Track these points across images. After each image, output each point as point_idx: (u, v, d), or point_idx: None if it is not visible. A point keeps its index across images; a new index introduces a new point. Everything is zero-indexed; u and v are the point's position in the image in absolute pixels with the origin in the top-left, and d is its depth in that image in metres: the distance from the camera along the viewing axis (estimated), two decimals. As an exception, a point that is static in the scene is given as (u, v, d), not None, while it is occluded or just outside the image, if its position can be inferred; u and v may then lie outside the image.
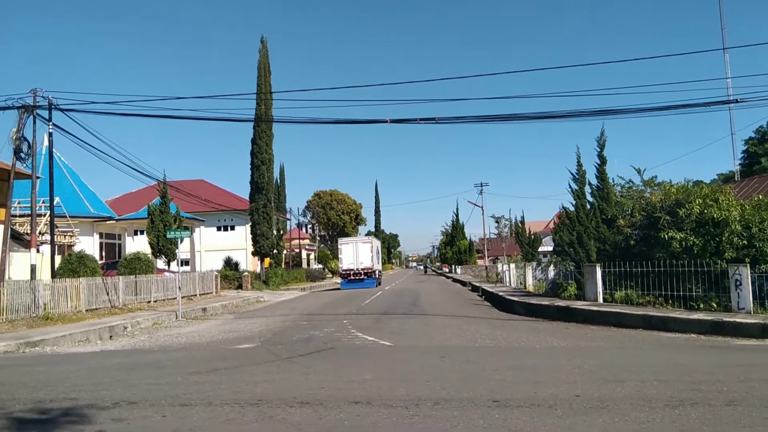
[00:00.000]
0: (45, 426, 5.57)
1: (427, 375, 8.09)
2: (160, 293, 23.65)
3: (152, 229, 31.73)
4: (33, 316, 16.34)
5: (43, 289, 17.15)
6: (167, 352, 12.05)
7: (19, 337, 13.36)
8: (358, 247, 39.89)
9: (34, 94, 19.22)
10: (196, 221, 46.09)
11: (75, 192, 38.31)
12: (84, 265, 20.49)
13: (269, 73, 39.97)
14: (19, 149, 18.85)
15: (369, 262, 39.33)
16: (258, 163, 39.58)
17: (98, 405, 6.41)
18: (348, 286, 38.44)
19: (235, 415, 5.92)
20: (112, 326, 15.84)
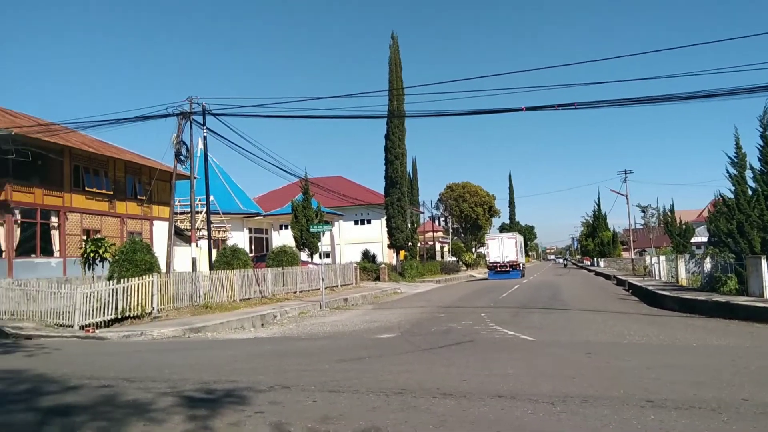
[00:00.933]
0: (212, 405, 6.08)
1: (573, 371, 7.79)
2: (304, 284, 24.92)
3: (296, 223, 33.49)
4: (195, 305, 17.92)
5: (202, 280, 18.77)
6: (314, 340, 12.68)
7: (184, 324, 14.75)
8: (504, 243, 43.31)
9: (190, 101, 21.00)
10: (336, 216, 47.94)
11: (226, 190, 41.41)
12: (237, 258, 22.09)
13: (400, 68, 40.48)
14: (179, 153, 20.72)
15: (514, 255, 42.86)
16: (391, 158, 40.30)
17: (255, 388, 6.88)
18: (495, 276, 41.83)
19: (380, 404, 6.09)
20: (263, 315, 16.97)
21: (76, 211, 26.82)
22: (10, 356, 10.00)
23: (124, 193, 30.38)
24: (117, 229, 29.17)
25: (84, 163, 27.70)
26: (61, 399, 6.45)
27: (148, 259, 16.65)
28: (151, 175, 31.53)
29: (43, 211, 25.27)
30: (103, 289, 14.98)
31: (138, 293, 15.57)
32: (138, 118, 20.47)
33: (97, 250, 18.51)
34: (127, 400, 6.34)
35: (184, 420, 5.48)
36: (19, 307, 15.44)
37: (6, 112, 27.20)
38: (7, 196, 23.31)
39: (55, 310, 14.69)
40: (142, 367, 8.79)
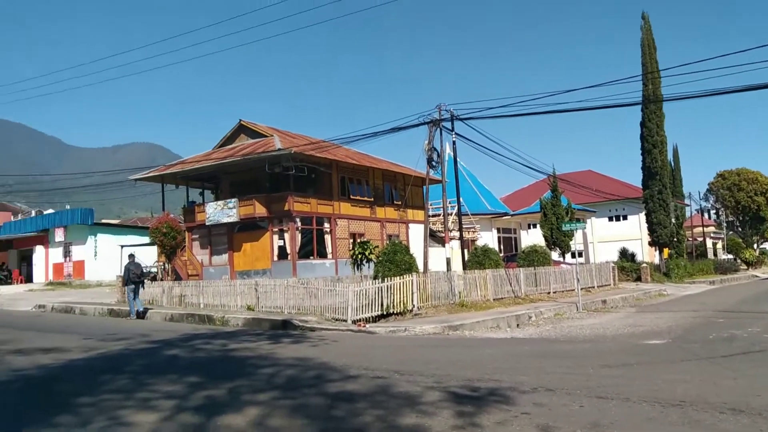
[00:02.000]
0: (477, 402, 6.23)
1: None
2: (557, 284, 24.22)
3: (545, 222, 32.76)
4: (450, 303, 18.59)
5: (457, 280, 19.40)
6: (573, 343, 12.24)
7: (442, 321, 15.40)
8: None
9: (439, 109, 21.90)
10: (587, 212, 45.79)
11: (474, 192, 42.27)
12: (488, 258, 22.37)
13: (654, 49, 37.04)
14: (430, 159, 21.78)
15: None
16: (648, 146, 37.05)
17: (518, 388, 6.87)
18: None
19: (656, 414, 5.64)
20: (518, 315, 16.90)
21: (343, 217, 29.86)
22: (299, 345, 11.49)
23: (383, 199, 32.94)
24: (378, 233, 31.73)
25: (348, 174, 30.72)
26: (344, 386, 7.20)
27: (407, 259, 17.76)
28: (405, 182, 33.68)
29: (318, 218, 28.63)
30: (370, 288, 16.37)
31: (400, 291, 16.69)
32: (392, 129, 22.02)
33: (364, 252, 20.34)
34: (399, 391, 6.82)
35: (452, 415, 5.71)
36: (303, 302, 17.66)
37: (286, 134, 31.45)
38: (290, 207, 26.93)
39: (332, 306, 16.48)
40: (409, 361, 9.40)
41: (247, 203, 27.74)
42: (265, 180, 28.51)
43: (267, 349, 10.79)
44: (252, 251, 28.51)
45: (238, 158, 27.29)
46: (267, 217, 27.64)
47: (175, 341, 12.17)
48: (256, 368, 8.65)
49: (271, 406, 6.15)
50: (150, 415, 5.88)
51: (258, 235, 28.29)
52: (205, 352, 10.70)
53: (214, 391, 6.99)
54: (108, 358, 10.03)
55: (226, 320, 16.63)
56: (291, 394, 6.82)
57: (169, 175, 31.65)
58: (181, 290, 21.07)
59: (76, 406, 6.30)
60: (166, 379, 7.73)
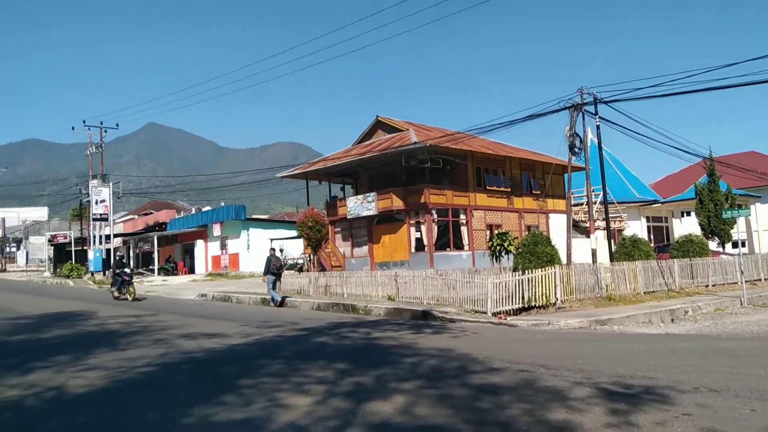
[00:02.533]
0: (631, 400, 5.89)
1: None
2: (717, 277, 22.22)
3: (701, 209, 30.24)
4: (597, 296, 17.75)
5: (603, 272, 18.46)
6: (738, 340, 11.18)
7: (588, 315, 14.75)
8: None
9: (581, 92, 20.90)
10: (750, 198, 41.50)
11: (619, 179, 39.97)
12: (637, 248, 21.05)
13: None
14: (572, 145, 20.86)
15: None
16: (828, 122, 32.79)
17: (677, 388, 6.40)
18: None
19: None
20: (672, 309, 15.74)
21: (479, 208, 29.58)
22: (440, 336, 11.57)
23: (520, 189, 32.17)
24: (515, 224, 31.07)
25: (484, 164, 30.35)
26: (488, 378, 7.13)
27: (549, 251, 17.19)
28: (544, 170, 32.65)
29: (454, 210, 28.63)
30: (510, 280, 16.07)
31: (541, 284, 16.21)
32: (530, 116, 21.38)
33: (503, 243, 20.00)
34: (546, 385, 6.63)
35: (604, 412, 5.44)
36: (442, 294, 17.73)
37: (421, 127, 31.73)
38: (426, 199, 27.18)
39: (470, 298, 16.39)
40: (554, 355, 9.10)
41: (385, 197, 28.40)
42: (401, 173, 29.02)
43: (409, 339, 10.98)
44: (390, 243, 29.17)
45: (375, 153, 28.00)
46: (404, 210, 28.11)
47: (323, 329, 12.77)
48: (399, 357, 8.83)
49: (417, 395, 6.25)
50: (304, 398, 6.23)
51: (396, 227, 28.87)
52: (351, 340, 11.11)
53: (361, 378, 7.25)
54: (263, 343, 10.76)
55: (369, 310, 17.16)
56: (435, 384, 6.88)
57: (312, 172, 33.28)
58: (326, 281, 22.05)
59: (238, 387, 6.83)
60: (316, 365, 8.14)
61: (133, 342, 10.90)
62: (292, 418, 5.53)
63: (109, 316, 15.86)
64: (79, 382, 7.38)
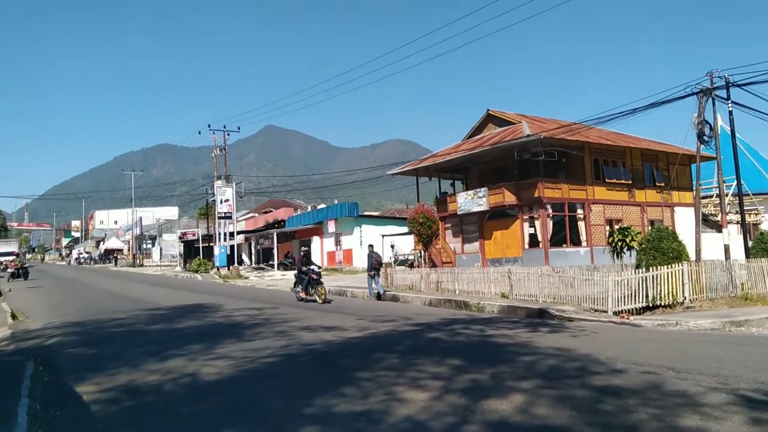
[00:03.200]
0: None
1: None
2: None
3: None
4: (731, 296, 16.41)
5: (738, 269, 17.03)
6: None
7: (721, 315, 13.67)
8: None
9: (711, 76, 19.39)
10: None
11: (754, 168, 36.84)
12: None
13: None
14: (701, 133, 19.39)
15: None
16: None
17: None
18: None
19: None
20: (821, 311, 14.21)
21: (598, 202, 28.30)
22: (558, 335, 11.19)
23: (642, 181, 30.42)
24: (637, 218, 29.43)
25: (602, 156, 28.99)
26: (611, 380, 6.82)
27: (675, 246, 16.11)
28: (668, 161, 30.67)
29: (570, 204, 27.59)
30: (632, 277, 15.25)
31: (668, 282, 15.24)
32: (653, 104, 20.13)
33: (624, 239, 18.96)
34: (676, 389, 6.23)
35: (744, 422, 5.04)
36: (558, 291, 17.14)
37: (534, 119, 30.85)
38: (539, 193, 26.41)
39: (589, 296, 15.72)
40: (685, 357, 8.51)
41: (497, 191, 27.92)
42: (513, 167, 28.38)
43: (525, 337, 10.73)
44: (502, 239, 28.65)
45: (486, 147, 27.60)
46: (516, 205, 27.50)
47: (436, 325, 12.79)
48: (515, 355, 8.66)
49: (535, 395, 6.10)
50: (421, 393, 6.28)
51: (508, 222, 28.31)
52: (465, 337, 11.04)
53: (477, 375, 7.18)
54: (378, 337, 10.97)
55: (482, 306, 16.96)
56: (554, 383, 6.68)
57: (422, 168, 33.40)
58: (437, 276, 22.05)
59: (356, 379, 7.02)
60: (431, 361, 8.17)
61: (257, 333, 11.51)
62: (410, 412, 5.59)
63: (234, 309, 16.85)
64: (210, 370, 7.91)
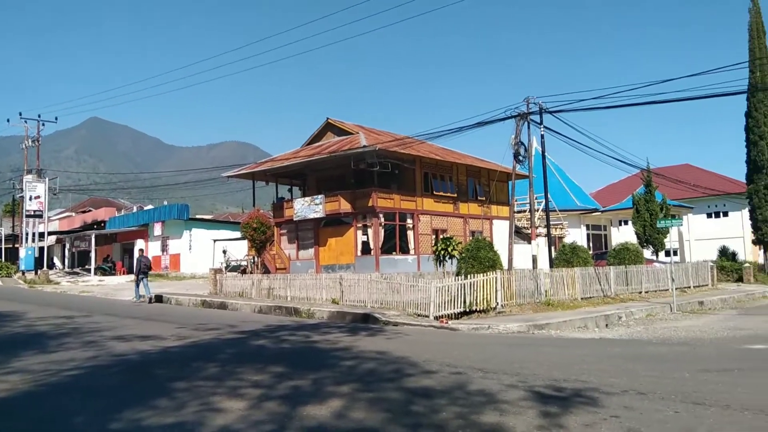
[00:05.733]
0: (563, 403, 6.03)
1: None
2: (650, 284, 23.10)
3: (638, 218, 31.38)
4: (536, 302, 18.14)
5: (543, 278, 18.89)
6: (667, 345, 11.63)
7: (527, 320, 15.05)
8: None
9: (527, 102, 21.39)
10: (683, 208, 43.29)
11: (562, 187, 41.06)
12: (576, 255, 21.65)
13: (764, 33, 34.46)
14: (517, 153, 21.30)
15: None
16: (755, 138, 34.50)
17: (607, 391, 6.59)
18: None
19: (761, 424, 5.26)
20: (607, 315, 16.25)
21: (426, 213, 29.84)
22: (380, 339, 11.56)
23: (466, 195, 32.63)
24: (461, 229, 31.48)
25: (432, 169, 30.65)
26: (422, 381, 7.16)
27: (491, 256, 17.48)
28: (489, 177, 33.21)
29: (401, 214, 28.77)
30: (452, 284, 16.24)
31: (483, 289, 16.46)
32: (478, 124, 21.72)
33: (447, 248, 20.21)
34: (480, 389, 6.70)
35: (537, 415, 5.55)
36: (386, 297, 17.77)
37: (371, 131, 31.78)
38: (373, 203, 27.22)
39: (414, 302, 16.48)
40: (492, 359, 9.24)
41: (333, 199, 28.30)
42: (350, 176, 28.98)
43: (348, 342, 10.93)
44: (337, 246, 29.07)
45: (324, 155, 27.87)
46: (351, 213, 28.08)
47: (262, 332, 12.59)
48: (337, 360, 8.78)
49: (353, 398, 6.22)
50: (239, 402, 6.10)
51: (343, 230, 28.80)
52: (290, 343, 10.99)
53: (299, 381, 7.17)
54: (199, 346, 10.51)
55: (312, 313, 17.02)
56: (371, 386, 6.87)
57: (259, 172, 32.84)
58: (270, 283, 21.76)
59: (171, 390, 6.64)
60: (253, 369, 8.00)
61: (63, 344, 10.46)
62: (226, 422, 5.41)
63: (39, 318, 15.19)
64: (1, 386, 7.02)
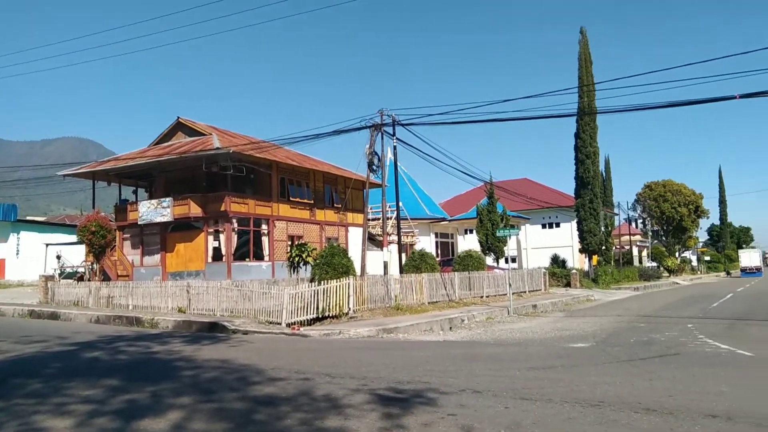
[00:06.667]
0: (404, 404, 6.26)
1: (808, 394, 6.75)
2: (490, 289, 24.72)
3: (481, 228, 33.40)
4: (386, 306, 18.67)
5: (393, 283, 19.49)
6: (503, 346, 12.50)
7: (377, 324, 15.42)
8: (751, 254, 70.41)
9: (381, 113, 21.97)
10: (522, 219, 46.89)
11: (414, 197, 42.60)
12: (425, 262, 22.60)
13: (590, 63, 38.53)
14: (371, 163, 21.79)
15: (758, 261, 69.39)
16: (582, 157, 38.44)
17: (447, 391, 6.95)
18: (745, 275, 63.89)
19: (576, 415, 5.81)
20: (451, 318, 17.13)
21: (282, 219, 29.50)
22: (228, 348, 11.26)
23: (323, 202, 32.75)
24: (317, 235, 31.52)
25: (288, 175, 30.39)
26: (267, 389, 7.09)
27: (345, 262, 17.70)
28: (345, 185, 33.62)
29: (255, 220, 28.18)
30: (306, 291, 16.22)
31: (336, 294, 16.62)
32: (335, 132, 21.91)
33: (301, 255, 20.13)
34: (325, 394, 6.76)
35: (379, 417, 5.70)
36: (237, 305, 17.33)
37: (225, 133, 30.83)
38: (226, 207, 26.39)
39: (266, 309, 16.24)
40: (341, 363, 9.35)
41: (182, 203, 27.02)
42: (202, 179, 27.88)
43: (191, 351, 10.54)
44: (186, 252, 27.78)
45: (174, 156, 26.54)
46: (202, 218, 27.01)
47: (97, 343, 11.71)
48: (179, 371, 8.42)
49: (193, 410, 5.99)
50: (65, 420, 5.63)
51: (192, 235, 27.58)
52: (128, 355, 10.33)
53: (135, 394, 6.76)
54: (22, 361, 9.55)
55: (156, 322, 16.14)
56: (214, 397, 6.66)
57: (101, 171, 30.47)
58: (109, 291, 20.31)
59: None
60: (84, 383, 7.42)
61: None
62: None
63: None
64: None
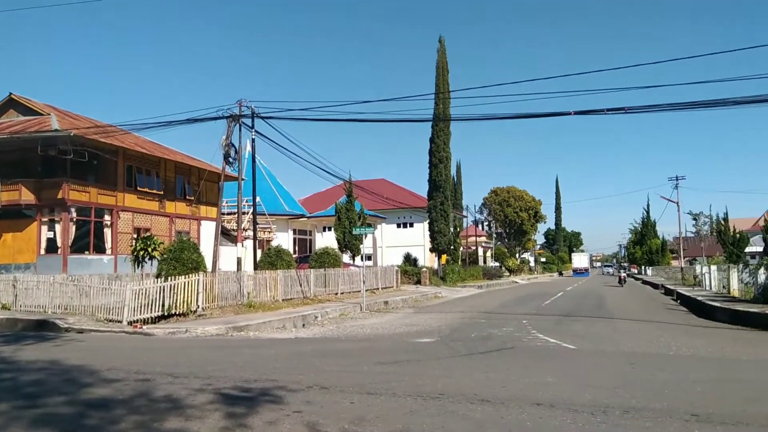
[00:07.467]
0: (250, 403, 6.16)
1: (615, 382, 7.62)
2: (346, 286, 25.08)
3: (339, 225, 33.76)
4: (239, 304, 18.25)
5: (247, 280, 19.10)
6: (353, 341, 12.75)
7: (227, 322, 15.03)
8: (581, 257, 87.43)
9: (240, 104, 21.42)
10: (378, 218, 48.03)
11: (272, 192, 42.03)
12: (281, 258, 22.39)
13: (447, 72, 40.37)
14: (227, 155, 21.14)
15: (586, 263, 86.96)
16: (435, 161, 40.20)
17: (294, 388, 6.95)
18: (576, 275, 76.55)
19: (417, 407, 6.07)
20: (305, 315, 17.15)
21: (128, 210, 27.70)
22: (56, 348, 10.40)
23: (174, 193, 31.21)
24: (166, 228, 29.99)
25: (137, 163, 28.59)
26: (101, 391, 6.65)
27: (195, 258, 17.03)
28: (200, 176, 32.31)
29: (98, 210, 26.20)
30: (151, 287, 15.39)
31: (184, 291, 15.95)
32: (189, 120, 21.00)
33: (146, 248, 19.06)
34: (165, 395, 6.48)
35: (222, 417, 5.57)
36: (72, 302, 16.02)
37: (66, 114, 28.31)
38: (64, 195, 24.26)
39: (106, 306, 15.19)
40: (185, 363, 9.00)
41: (12, 188, 24.43)
42: (36, 163, 25.37)
43: (11, 352, 9.58)
44: (14, 242, 25.14)
45: (4, 135, 23.90)
46: (36, 205, 24.60)
47: None
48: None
49: (12, 418, 5.45)
50: None
51: (23, 224, 25.02)
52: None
53: (-59, 402, 6.01)
54: None
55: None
56: (38, 402, 6.12)
57: None
58: None
59: None
60: None
61: None
62: None
63: None
64: None
